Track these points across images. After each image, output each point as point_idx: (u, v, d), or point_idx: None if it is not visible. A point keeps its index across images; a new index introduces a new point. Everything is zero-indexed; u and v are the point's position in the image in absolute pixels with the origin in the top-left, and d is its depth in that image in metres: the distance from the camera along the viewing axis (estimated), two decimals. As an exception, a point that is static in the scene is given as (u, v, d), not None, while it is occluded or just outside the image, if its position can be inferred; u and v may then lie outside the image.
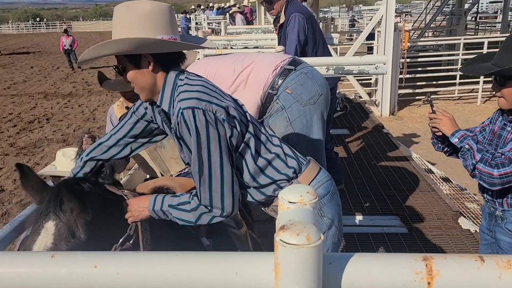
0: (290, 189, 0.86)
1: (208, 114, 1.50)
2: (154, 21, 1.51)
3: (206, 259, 0.81)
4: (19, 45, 32.63)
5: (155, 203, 1.63)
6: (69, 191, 1.49)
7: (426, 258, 0.80)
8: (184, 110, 1.50)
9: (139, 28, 1.51)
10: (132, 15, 1.52)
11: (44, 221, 1.49)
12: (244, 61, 2.67)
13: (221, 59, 2.76)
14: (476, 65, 2.08)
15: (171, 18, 1.56)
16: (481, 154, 1.93)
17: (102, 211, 1.56)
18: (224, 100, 1.59)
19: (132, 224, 1.64)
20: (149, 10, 1.51)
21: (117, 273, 0.78)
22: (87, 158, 1.80)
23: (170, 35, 1.54)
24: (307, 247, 0.69)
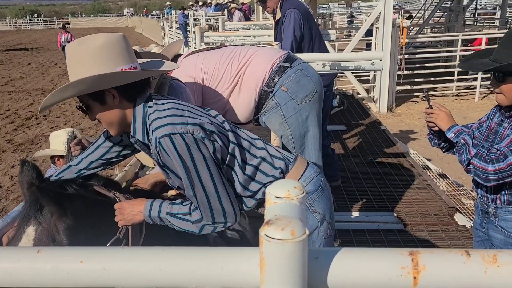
0: (277, 184, 0.85)
1: (186, 136, 1.46)
2: (110, 54, 1.47)
3: (193, 255, 0.80)
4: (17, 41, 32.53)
5: (152, 209, 1.60)
6: (50, 194, 1.46)
7: (413, 253, 0.80)
8: (161, 139, 1.47)
9: (96, 63, 1.46)
10: (86, 52, 1.47)
11: (25, 226, 1.46)
12: (240, 59, 2.65)
13: (216, 55, 2.71)
14: (474, 61, 2.07)
15: (127, 47, 1.52)
16: (476, 149, 1.93)
17: (86, 214, 1.52)
18: (197, 117, 1.55)
19: (122, 227, 1.61)
20: (102, 43, 1.47)
21: (103, 268, 0.78)
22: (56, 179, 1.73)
23: (130, 64, 1.50)
24: (292, 241, 0.69)
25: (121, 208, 1.62)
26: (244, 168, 1.64)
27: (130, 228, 1.63)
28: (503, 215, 2.02)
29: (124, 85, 1.52)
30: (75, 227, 1.48)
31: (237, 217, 1.61)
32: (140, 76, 1.53)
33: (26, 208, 1.51)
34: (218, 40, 6.23)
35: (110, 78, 1.48)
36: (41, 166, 7.10)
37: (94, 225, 1.56)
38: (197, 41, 5.91)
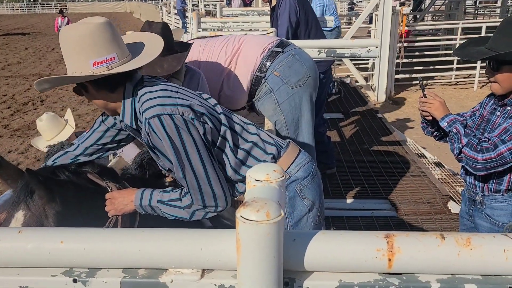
0: (257, 168, 0.86)
1: (175, 117, 1.47)
2: (83, 46, 1.47)
3: (172, 236, 0.82)
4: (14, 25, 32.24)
5: (142, 198, 1.60)
6: (40, 180, 1.46)
7: (388, 236, 0.81)
8: (150, 120, 1.47)
9: (72, 55, 1.49)
10: (65, 42, 1.51)
11: (15, 210, 1.47)
12: (233, 44, 2.66)
13: (212, 42, 2.74)
14: (470, 49, 2.06)
15: (103, 38, 1.49)
16: (467, 138, 1.93)
17: (76, 202, 1.52)
18: (187, 99, 1.55)
19: (112, 217, 1.61)
20: (78, 36, 1.48)
21: (84, 248, 0.79)
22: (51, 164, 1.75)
23: (104, 56, 1.48)
24: (266, 223, 0.70)
25: (111, 197, 1.62)
26: (235, 151, 1.64)
27: (120, 218, 1.63)
28: (490, 203, 2.03)
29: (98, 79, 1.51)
30: (64, 214, 1.48)
31: (227, 201, 1.61)
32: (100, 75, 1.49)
33: (16, 192, 1.51)
34: (216, 26, 6.20)
35: (72, 79, 1.51)
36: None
37: (84, 214, 1.55)
38: (194, 27, 5.87)
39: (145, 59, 1.59)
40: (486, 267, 0.77)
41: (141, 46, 1.67)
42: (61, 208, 1.48)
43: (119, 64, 1.52)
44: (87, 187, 1.61)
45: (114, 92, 1.57)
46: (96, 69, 1.48)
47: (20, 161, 6.99)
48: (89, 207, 1.59)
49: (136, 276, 0.80)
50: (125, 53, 1.56)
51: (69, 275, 0.80)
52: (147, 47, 1.67)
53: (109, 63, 1.50)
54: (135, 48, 1.64)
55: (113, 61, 1.51)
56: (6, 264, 0.81)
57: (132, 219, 1.71)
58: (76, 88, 1.60)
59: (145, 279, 0.80)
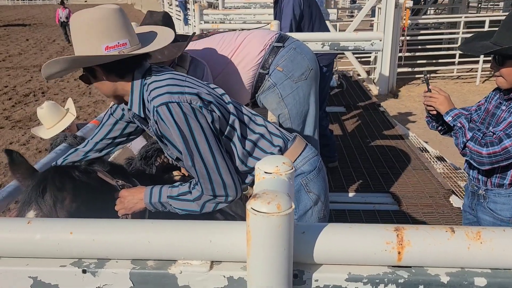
0: (267, 160, 0.86)
1: (183, 105, 1.47)
2: (96, 30, 1.47)
3: (182, 227, 0.82)
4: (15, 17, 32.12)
5: (152, 195, 1.59)
6: (53, 180, 1.45)
7: (398, 229, 0.81)
8: (158, 108, 1.47)
9: (84, 39, 1.48)
10: (78, 25, 1.50)
11: (26, 210, 1.45)
12: (233, 42, 2.64)
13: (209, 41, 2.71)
14: (475, 44, 2.05)
15: (118, 22, 1.50)
16: (472, 132, 1.93)
17: (88, 202, 1.51)
18: (195, 87, 1.55)
19: (122, 216, 1.60)
20: (91, 20, 1.47)
21: (93, 239, 0.79)
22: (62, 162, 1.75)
23: (117, 41, 1.48)
24: (278, 215, 0.70)
25: (121, 196, 1.61)
26: (243, 142, 1.64)
27: (130, 217, 1.62)
28: (493, 197, 2.03)
29: (112, 63, 1.51)
30: (75, 215, 1.46)
31: (237, 191, 1.60)
32: (113, 58, 1.49)
33: (28, 191, 1.50)
34: (218, 18, 6.16)
35: (83, 60, 1.49)
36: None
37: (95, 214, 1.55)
38: (196, 19, 5.84)
39: (155, 46, 1.60)
40: (496, 261, 0.77)
41: (151, 36, 1.68)
42: (74, 209, 1.47)
43: (130, 50, 1.52)
44: (97, 187, 1.60)
45: (123, 78, 1.56)
46: (107, 53, 1.48)
47: (22, 152, 6.99)
48: (100, 207, 1.57)
49: (145, 268, 0.80)
50: (135, 41, 1.56)
51: (78, 265, 0.80)
52: (158, 37, 1.68)
53: (121, 48, 1.50)
54: (145, 37, 1.65)
55: (125, 46, 1.51)
56: (15, 255, 0.81)
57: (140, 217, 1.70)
58: (83, 76, 1.59)
59: (154, 270, 0.80)
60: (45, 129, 3.42)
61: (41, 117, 3.39)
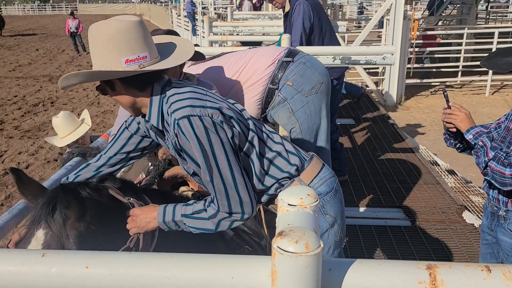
0: (290, 191, 0.82)
1: (204, 119, 1.45)
2: (117, 43, 1.45)
3: (202, 262, 0.78)
4: (25, 26, 32.53)
5: (165, 214, 1.55)
6: (63, 198, 1.42)
7: (430, 267, 0.77)
8: (179, 121, 1.45)
9: (103, 51, 1.47)
10: (97, 37, 1.48)
11: (35, 229, 1.42)
12: (242, 59, 2.62)
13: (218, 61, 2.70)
14: (498, 60, 2.00)
15: (137, 36, 1.48)
16: (494, 152, 1.88)
17: (99, 221, 1.47)
18: (217, 102, 1.53)
19: (133, 236, 1.57)
20: (111, 32, 1.46)
21: (110, 274, 0.76)
22: (73, 178, 1.71)
23: (137, 54, 1.46)
24: (306, 255, 0.66)
25: (133, 215, 1.57)
26: (261, 159, 1.61)
27: (142, 236, 1.58)
28: (514, 218, 1.98)
29: (129, 76, 1.49)
30: (86, 235, 1.43)
31: (253, 208, 1.56)
32: (132, 72, 1.47)
33: (37, 209, 1.46)
34: (227, 30, 6.17)
35: (103, 74, 1.47)
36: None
37: (106, 233, 1.51)
38: (205, 31, 5.85)
39: (176, 60, 1.59)
40: (536, 303, 0.73)
41: (170, 48, 1.65)
42: (84, 228, 1.43)
43: (150, 63, 1.50)
44: (109, 204, 1.56)
45: (143, 91, 1.54)
46: (127, 67, 1.47)
47: (30, 162, 7.01)
48: (111, 225, 1.53)
49: (163, 304, 0.77)
50: (154, 54, 1.54)
51: (93, 300, 0.77)
52: (177, 50, 1.65)
53: (141, 62, 1.48)
54: (164, 49, 1.62)
55: (145, 60, 1.49)
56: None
57: (152, 237, 1.66)
58: (100, 86, 1.57)
59: (173, 306, 0.77)
60: (59, 138, 3.42)
61: (56, 126, 3.39)
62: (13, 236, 1.59)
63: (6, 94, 11.25)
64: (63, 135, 3.37)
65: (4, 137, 8.04)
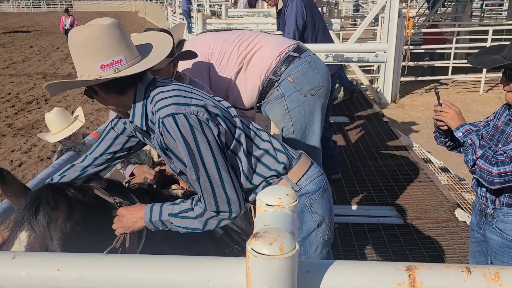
0: (269, 191, 0.81)
1: (190, 117, 1.43)
2: (90, 49, 1.45)
3: (177, 264, 0.76)
4: (19, 24, 32.30)
5: (152, 214, 1.53)
6: (47, 199, 1.39)
7: (410, 268, 0.75)
8: (164, 119, 1.43)
9: (80, 59, 1.48)
10: (73, 45, 1.48)
11: (18, 231, 1.40)
12: (248, 42, 2.58)
13: (224, 36, 2.64)
14: (485, 57, 2.00)
15: (110, 40, 1.45)
16: (482, 150, 1.87)
17: (84, 222, 1.44)
18: (202, 99, 1.52)
19: (120, 236, 1.55)
20: (85, 38, 1.45)
21: (81, 277, 0.74)
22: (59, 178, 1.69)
23: (112, 59, 1.45)
24: (280, 257, 0.65)
25: (119, 215, 1.55)
26: (248, 157, 1.59)
27: (128, 236, 1.56)
28: (502, 216, 1.97)
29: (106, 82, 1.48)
30: (70, 236, 1.41)
31: (241, 207, 1.54)
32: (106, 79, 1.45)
33: (20, 211, 1.43)
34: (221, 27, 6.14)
35: (79, 83, 1.47)
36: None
37: (91, 234, 1.48)
38: (199, 28, 5.82)
39: (152, 60, 1.56)
40: (517, 305, 0.71)
41: (150, 47, 1.63)
42: (68, 230, 1.41)
43: (127, 66, 1.48)
44: (94, 205, 1.53)
45: (124, 95, 1.53)
46: (103, 72, 1.45)
47: (23, 160, 6.96)
48: (96, 226, 1.51)
49: (138, 307, 0.75)
50: (134, 54, 1.52)
51: (66, 304, 0.75)
52: (155, 48, 1.63)
53: (116, 66, 1.46)
54: (145, 48, 1.61)
55: (121, 63, 1.47)
56: (-2, 292, 0.76)
57: (139, 237, 1.64)
58: (87, 91, 1.57)
59: (147, 309, 0.75)
60: (51, 134, 3.39)
61: (48, 121, 3.36)
62: None
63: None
64: (56, 131, 3.34)
65: (-3, 135, 7.98)
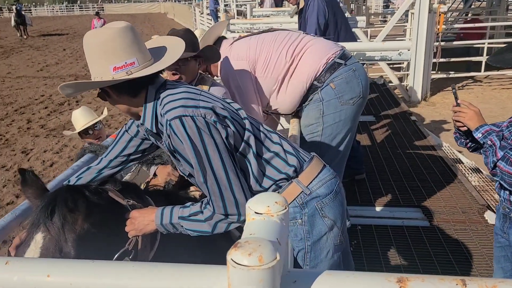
0: (258, 198, 0.79)
1: (197, 119, 1.43)
2: (103, 51, 1.48)
3: (163, 272, 0.76)
4: (53, 27, 33.37)
5: (163, 217, 1.55)
6: (62, 201, 1.43)
7: (401, 280, 0.72)
8: (171, 121, 1.44)
9: (94, 60, 1.51)
10: (87, 48, 1.52)
11: (34, 232, 1.43)
12: (295, 45, 2.55)
13: (270, 39, 2.62)
14: (506, 55, 1.92)
15: (123, 43, 1.48)
16: (503, 151, 1.79)
17: (99, 224, 1.47)
18: (210, 101, 1.52)
19: (132, 238, 1.56)
20: (100, 40, 1.49)
21: (70, 283, 0.75)
22: (75, 181, 1.73)
23: (124, 61, 1.48)
24: (259, 268, 0.63)
25: (132, 217, 1.58)
26: (258, 160, 1.58)
27: (140, 239, 1.58)
28: (526, 221, 1.88)
29: (119, 84, 1.51)
30: (85, 238, 1.43)
31: None
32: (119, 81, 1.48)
33: (36, 213, 1.48)
34: (245, 28, 6.15)
35: (91, 84, 1.51)
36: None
37: (105, 236, 1.51)
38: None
39: (164, 63, 1.58)
40: (515, 321, 0.67)
41: (164, 50, 1.66)
42: (82, 231, 1.44)
43: (139, 68, 1.51)
44: (108, 207, 1.56)
45: (136, 97, 1.56)
46: (116, 74, 1.48)
47: (55, 160, 7.18)
48: (110, 228, 1.54)
49: (126, 313, 0.75)
50: (146, 57, 1.54)
51: (57, 309, 0.76)
52: (169, 51, 1.66)
53: (128, 68, 1.49)
54: (158, 52, 1.63)
55: (133, 66, 1.50)
56: (-9, 297, 0.78)
57: (153, 239, 1.67)
58: (100, 94, 1.61)
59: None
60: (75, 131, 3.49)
61: (73, 118, 3.47)
62: (14, 240, 1.62)
63: (33, 94, 11.57)
64: (79, 127, 3.44)
65: (31, 136, 8.27)
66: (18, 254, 1.47)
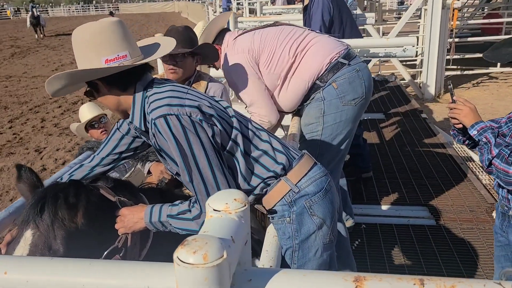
0: (217, 196, 0.78)
1: (182, 118, 1.42)
2: (95, 43, 1.46)
3: (120, 270, 0.75)
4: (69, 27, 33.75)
5: (152, 215, 1.55)
6: (52, 198, 1.43)
7: (358, 279, 0.70)
8: (156, 120, 1.43)
9: (83, 52, 1.49)
10: (77, 40, 1.50)
11: (24, 229, 1.44)
12: (299, 41, 2.52)
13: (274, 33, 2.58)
14: (503, 50, 1.87)
15: (115, 35, 1.48)
16: (498, 149, 1.75)
17: (88, 221, 1.47)
18: (196, 100, 1.50)
19: (122, 235, 1.57)
20: (90, 33, 1.47)
21: (27, 280, 0.75)
22: (67, 178, 1.74)
23: (116, 53, 1.46)
24: (203, 267, 0.62)
25: (121, 215, 1.58)
26: (246, 158, 1.57)
27: (130, 237, 1.58)
28: (525, 220, 1.83)
29: (114, 75, 1.50)
30: (74, 235, 1.44)
31: None
32: (112, 70, 1.47)
33: (26, 210, 1.49)
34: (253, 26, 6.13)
35: (84, 74, 1.48)
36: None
37: (95, 234, 1.51)
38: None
39: (155, 56, 1.58)
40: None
41: (154, 47, 1.65)
42: (71, 228, 1.44)
43: (131, 62, 1.50)
44: (99, 204, 1.56)
45: (125, 91, 1.54)
46: (107, 66, 1.47)
47: (67, 159, 7.28)
48: (100, 225, 1.54)
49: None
50: (136, 53, 1.54)
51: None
52: (160, 48, 1.65)
53: (120, 61, 1.48)
54: (148, 49, 1.63)
55: (125, 58, 1.49)
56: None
57: (145, 237, 1.67)
58: (88, 92, 1.59)
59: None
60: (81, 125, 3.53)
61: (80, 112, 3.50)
62: (5, 236, 1.64)
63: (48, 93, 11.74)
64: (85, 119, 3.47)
65: (44, 134, 8.39)
66: (9, 251, 1.49)
